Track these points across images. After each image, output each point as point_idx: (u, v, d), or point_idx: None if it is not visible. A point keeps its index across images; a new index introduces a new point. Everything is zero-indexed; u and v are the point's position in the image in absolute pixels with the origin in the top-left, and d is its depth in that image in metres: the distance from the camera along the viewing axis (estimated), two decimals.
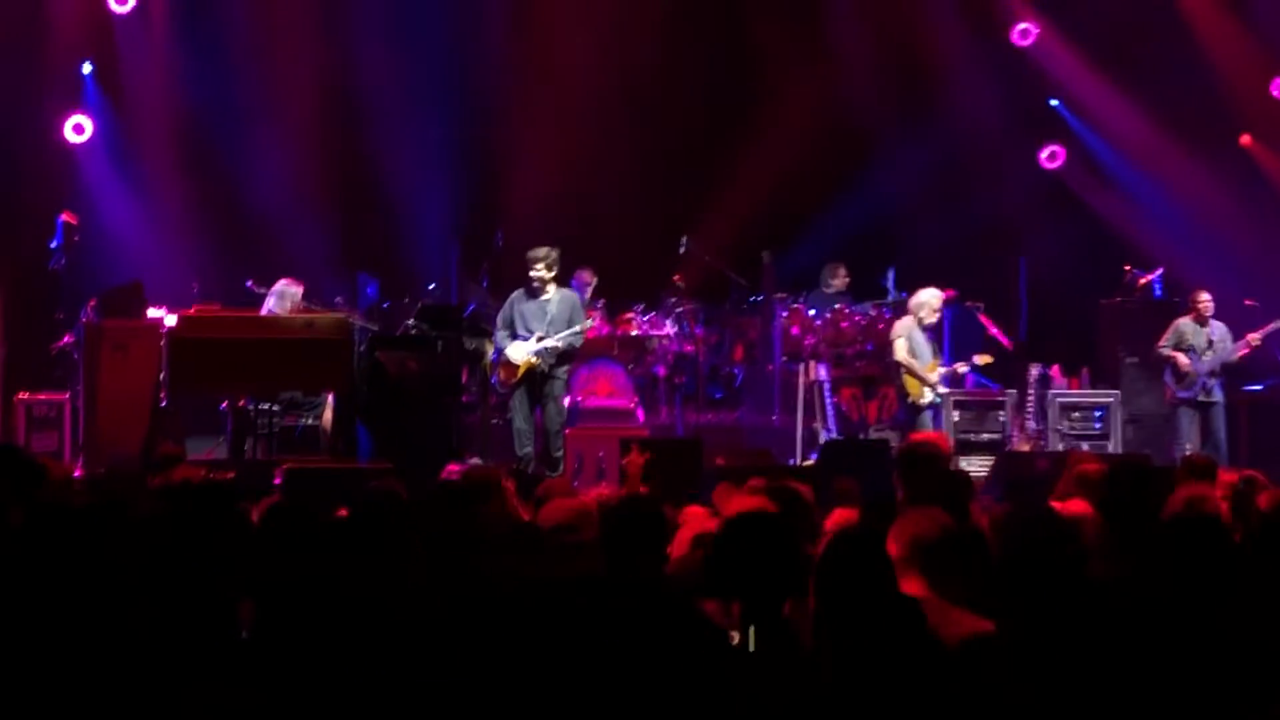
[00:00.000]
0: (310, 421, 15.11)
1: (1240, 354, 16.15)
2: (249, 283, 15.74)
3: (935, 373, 15.81)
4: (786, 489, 7.18)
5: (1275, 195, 19.14)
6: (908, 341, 15.79)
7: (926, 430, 15.25)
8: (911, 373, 15.73)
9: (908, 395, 15.89)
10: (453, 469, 10.23)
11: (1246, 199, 18.87)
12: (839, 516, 7.25)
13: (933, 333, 16.01)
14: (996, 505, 8.31)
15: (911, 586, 5.06)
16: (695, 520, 7.12)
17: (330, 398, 14.98)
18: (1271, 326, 16.23)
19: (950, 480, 7.21)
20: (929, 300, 15.88)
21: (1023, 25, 20.03)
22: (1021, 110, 20.08)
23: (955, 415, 16.27)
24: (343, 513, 7.08)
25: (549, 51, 19.45)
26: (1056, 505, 7.27)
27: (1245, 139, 19.64)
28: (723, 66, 20.00)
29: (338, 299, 16.35)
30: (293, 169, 18.65)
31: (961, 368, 16.39)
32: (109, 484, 10.39)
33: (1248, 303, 16.89)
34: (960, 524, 5.61)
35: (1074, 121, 20.36)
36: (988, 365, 16.85)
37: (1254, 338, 16.14)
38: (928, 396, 15.72)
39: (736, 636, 4.86)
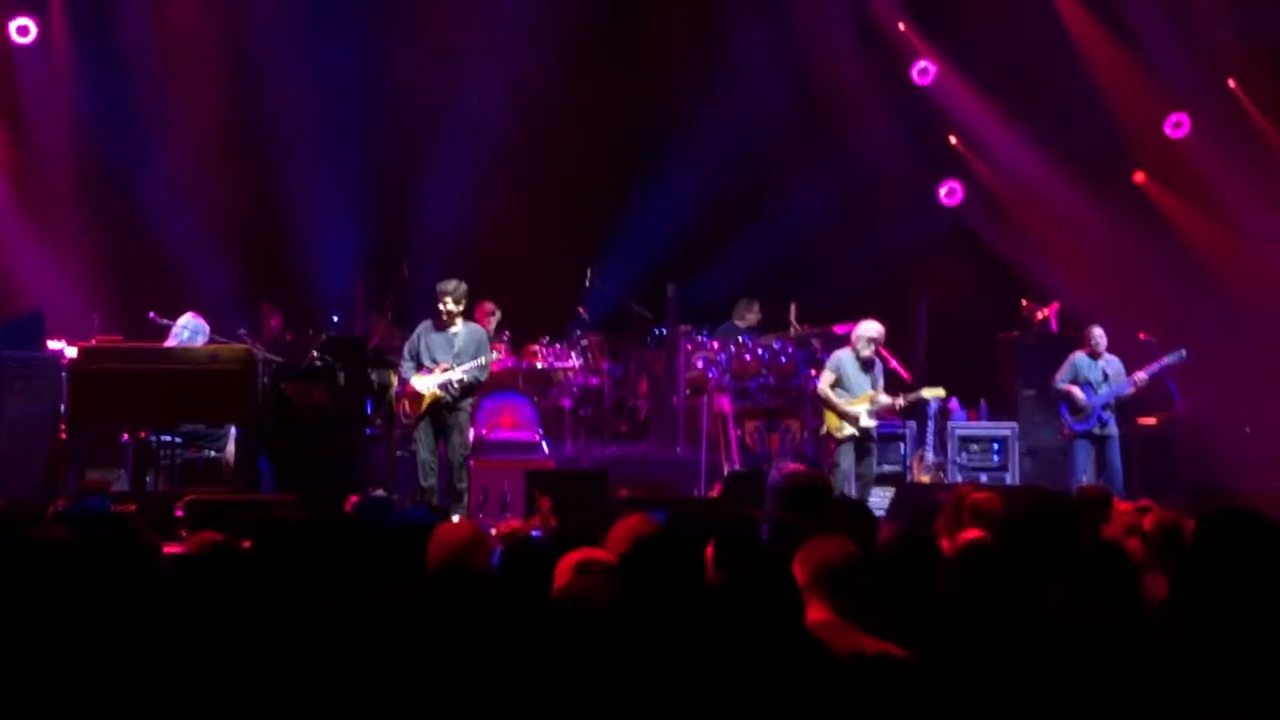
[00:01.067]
0: (213, 454, 15.01)
1: (1129, 391, 16.37)
2: (151, 314, 15.64)
3: (868, 404, 15.48)
4: None
5: (1169, 231, 19.47)
6: (835, 373, 15.60)
7: (843, 463, 15.33)
8: (830, 406, 15.58)
9: (826, 428, 15.73)
10: (354, 501, 10.19)
11: (1141, 235, 19.16)
12: None
13: (871, 365, 15.68)
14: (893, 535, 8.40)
15: (816, 611, 5.16)
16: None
17: (233, 430, 14.90)
18: (1156, 365, 16.43)
19: (851, 510, 7.32)
20: (865, 331, 15.63)
21: (922, 64, 20.28)
22: (921, 147, 20.33)
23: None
24: (247, 544, 7.07)
25: (455, 84, 19.51)
26: (946, 539, 7.43)
27: (1139, 176, 20.01)
28: (628, 100, 20.13)
29: (241, 331, 16.28)
30: (196, 201, 18.59)
31: (899, 400, 15.86)
32: (8, 515, 10.31)
33: (1142, 336, 17.16)
34: (864, 551, 5.71)
35: (972, 158, 20.65)
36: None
37: (1140, 377, 16.30)
38: (847, 430, 15.47)
39: None
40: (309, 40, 19.05)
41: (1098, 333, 16.39)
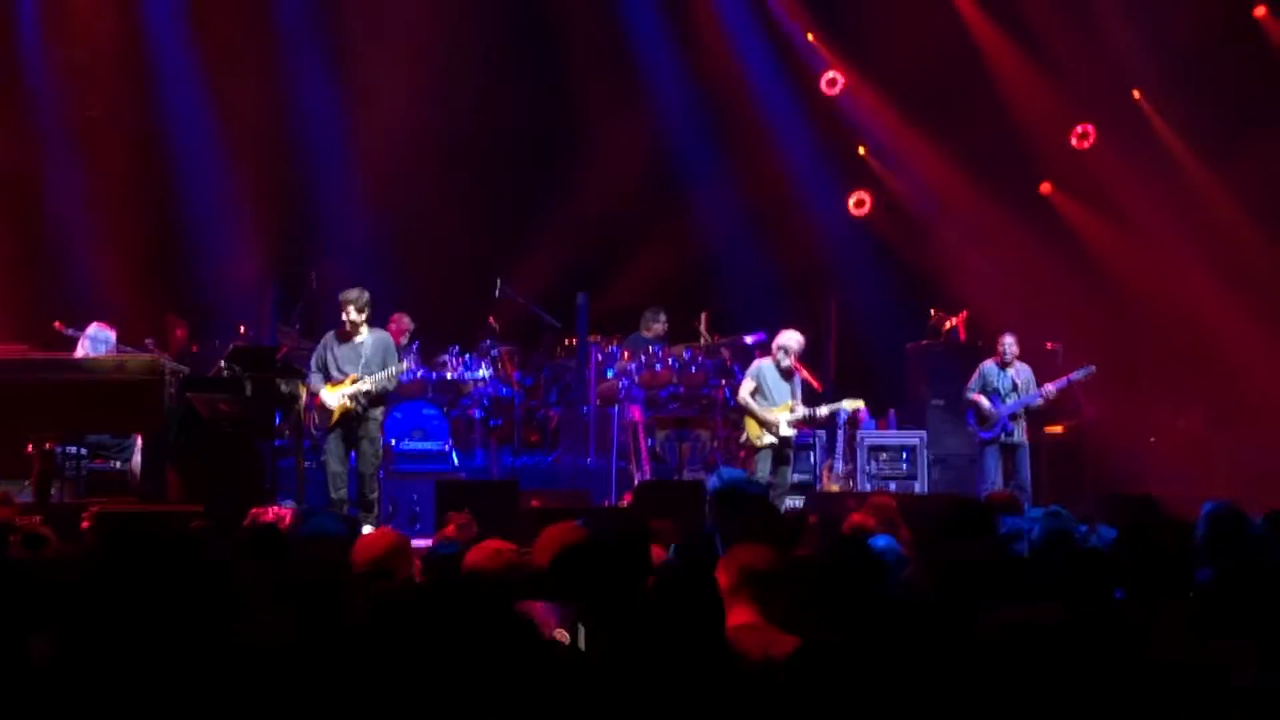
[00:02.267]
0: (119, 465, 14.84)
1: (1038, 403, 16.49)
2: (57, 324, 15.44)
3: (788, 414, 15.44)
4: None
5: (1075, 241, 19.66)
6: (756, 381, 15.58)
7: (760, 471, 15.31)
8: (750, 414, 15.55)
9: (746, 435, 15.70)
10: (255, 512, 10.01)
11: (1048, 245, 19.34)
12: (655, 554, 7.35)
13: (791, 374, 15.60)
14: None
15: (740, 614, 5.16)
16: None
17: (139, 440, 14.74)
18: (1065, 380, 16.60)
19: (773, 517, 7.34)
20: (786, 341, 15.59)
21: (831, 74, 20.38)
22: (831, 157, 20.43)
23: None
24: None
25: (364, 93, 19.44)
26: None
27: (1045, 186, 20.20)
28: (538, 109, 20.13)
29: (148, 341, 16.10)
30: (102, 210, 18.40)
31: (819, 409, 15.81)
32: None
33: (1050, 346, 17.32)
34: (786, 556, 5.72)
35: (881, 169, 20.78)
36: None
37: (1049, 390, 16.45)
38: (766, 439, 15.44)
39: (567, 637, 5.02)
40: (212, 50, 18.89)
41: (1008, 341, 16.50)
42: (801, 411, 15.62)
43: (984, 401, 16.38)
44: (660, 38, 19.99)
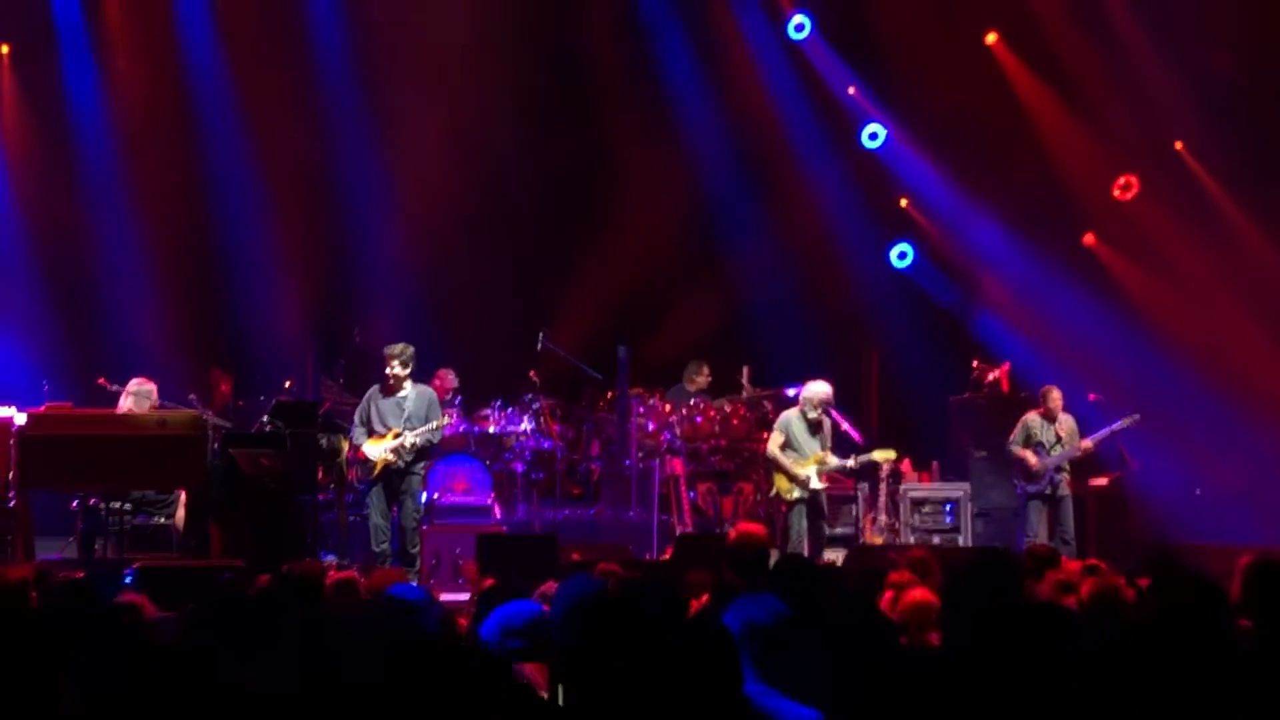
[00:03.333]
0: (162, 520, 14.92)
1: (1076, 456, 16.40)
2: (101, 380, 15.56)
3: (815, 466, 15.33)
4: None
5: (1118, 292, 19.58)
6: (784, 434, 15.48)
7: (794, 526, 15.24)
8: (780, 468, 15.44)
9: (776, 490, 15.61)
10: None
11: (1090, 296, 19.26)
12: (694, 608, 7.36)
13: (819, 426, 15.52)
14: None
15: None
16: None
17: (183, 495, 14.81)
18: (1106, 430, 16.53)
19: (801, 568, 7.32)
20: (813, 393, 15.49)
21: (872, 127, 20.40)
22: (872, 209, 20.43)
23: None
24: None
25: (406, 149, 19.53)
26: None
27: (1089, 238, 20.14)
28: (579, 164, 20.14)
29: (191, 396, 16.20)
30: (146, 266, 18.54)
31: (849, 461, 15.70)
32: None
33: (1092, 398, 17.22)
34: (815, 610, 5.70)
35: (923, 220, 20.75)
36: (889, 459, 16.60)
37: (1086, 445, 16.38)
38: (796, 493, 15.32)
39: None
40: (255, 106, 19.03)
41: (1056, 395, 16.44)
42: (833, 463, 15.52)
43: (1030, 456, 16.29)
44: (700, 89, 20.02)
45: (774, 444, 15.55)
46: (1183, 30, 18.30)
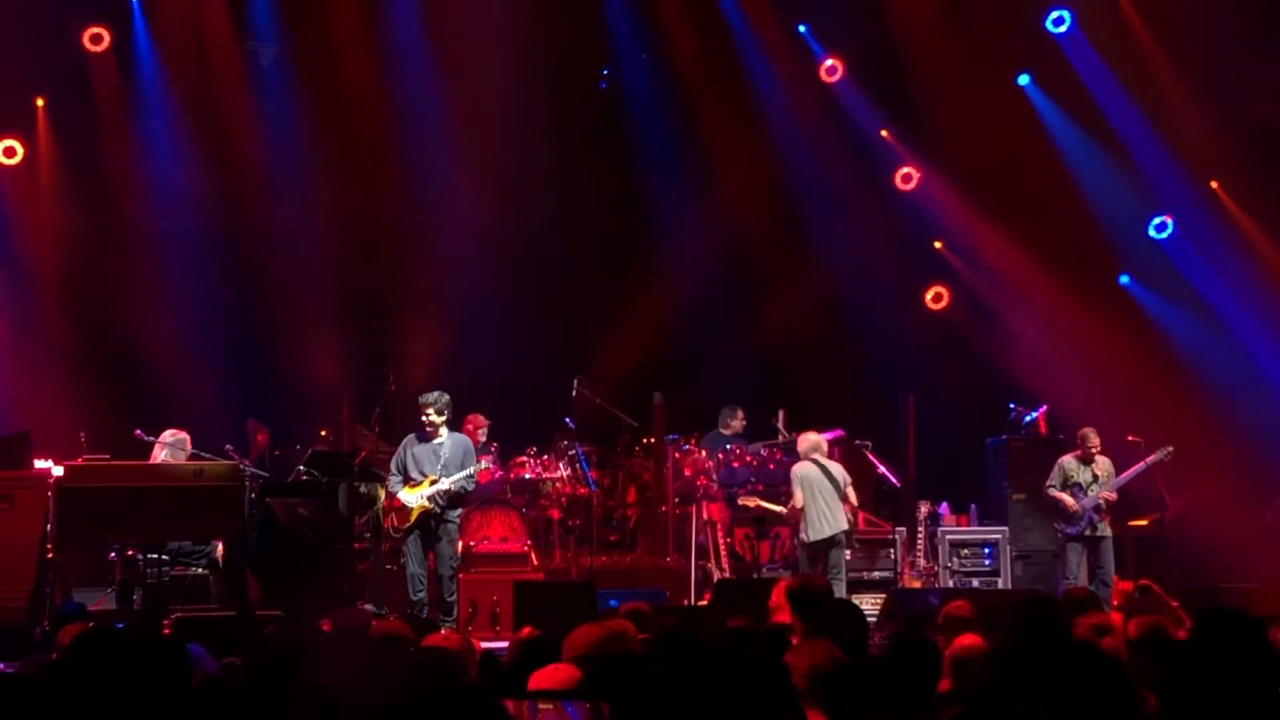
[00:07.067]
0: (200, 570, 14.93)
1: (1103, 499, 16.24)
2: (137, 431, 15.59)
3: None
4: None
5: (1155, 332, 19.51)
6: (801, 488, 15.61)
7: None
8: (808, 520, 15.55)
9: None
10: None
11: (1127, 336, 19.20)
12: None
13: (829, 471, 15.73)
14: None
15: (812, 715, 5.10)
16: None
17: (220, 545, 14.82)
18: (1139, 466, 16.44)
19: (846, 613, 7.27)
20: (809, 447, 15.83)
21: (905, 169, 20.40)
22: (907, 252, 20.39)
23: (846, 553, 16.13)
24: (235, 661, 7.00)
25: (440, 196, 19.59)
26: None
27: (1125, 277, 20.08)
28: (610, 208, 20.17)
29: (228, 446, 16.22)
30: (182, 316, 18.59)
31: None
32: None
33: (1130, 439, 17.12)
34: (857, 654, 5.66)
35: (958, 262, 20.71)
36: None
37: (1109, 496, 16.25)
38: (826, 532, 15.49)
39: None
40: (292, 151, 19.11)
41: (1094, 438, 16.35)
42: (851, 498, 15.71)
43: (1068, 499, 16.21)
44: (732, 135, 20.03)
45: (799, 502, 15.70)
46: (1219, 75, 18.34)
